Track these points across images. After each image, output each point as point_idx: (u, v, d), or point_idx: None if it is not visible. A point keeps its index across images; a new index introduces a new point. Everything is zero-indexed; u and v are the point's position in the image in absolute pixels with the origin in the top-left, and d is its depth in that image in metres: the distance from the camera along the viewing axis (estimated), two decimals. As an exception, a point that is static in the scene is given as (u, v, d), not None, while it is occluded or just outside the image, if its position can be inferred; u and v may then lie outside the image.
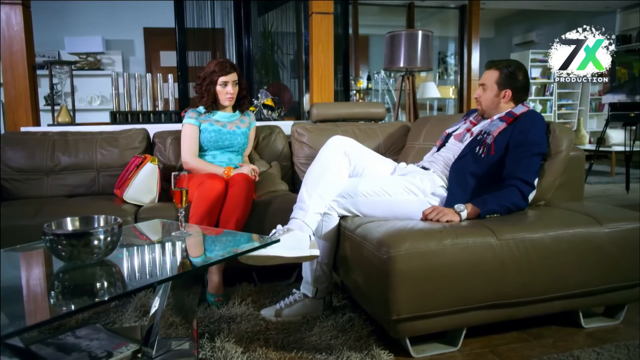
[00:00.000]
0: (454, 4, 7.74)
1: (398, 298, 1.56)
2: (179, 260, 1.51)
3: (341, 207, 1.94)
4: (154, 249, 1.65)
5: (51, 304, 1.17)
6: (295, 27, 6.78)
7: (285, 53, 6.88)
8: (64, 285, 1.32)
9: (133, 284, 1.30)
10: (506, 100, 2.09)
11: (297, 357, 1.65)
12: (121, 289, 1.24)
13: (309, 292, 1.98)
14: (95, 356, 1.55)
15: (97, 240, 1.33)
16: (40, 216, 2.16)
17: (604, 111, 8.24)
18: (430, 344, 1.74)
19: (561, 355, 1.63)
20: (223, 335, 1.79)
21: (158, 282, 1.31)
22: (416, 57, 3.60)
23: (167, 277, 1.34)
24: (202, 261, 1.50)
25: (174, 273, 1.35)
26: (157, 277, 1.35)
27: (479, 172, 1.98)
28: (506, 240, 1.65)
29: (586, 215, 1.83)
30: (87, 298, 1.24)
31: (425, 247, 1.58)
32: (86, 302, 1.18)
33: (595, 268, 1.75)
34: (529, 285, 1.69)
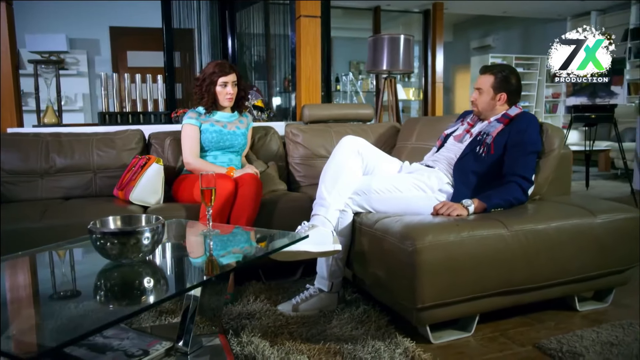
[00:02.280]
0: (418, 8, 7.99)
1: (422, 287, 1.66)
2: (223, 257, 1.55)
3: (355, 204, 2.02)
4: (193, 246, 1.68)
5: (119, 302, 1.19)
6: (263, 29, 6.80)
7: (255, 55, 6.90)
8: (121, 283, 1.34)
9: (188, 281, 1.34)
10: (501, 103, 2.24)
11: (325, 348, 1.73)
12: (179, 287, 1.27)
13: (325, 287, 2.05)
14: (131, 354, 1.56)
15: (145, 239, 1.36)
16: (48, 219, 2.13)
17: (557, 112, 8.75)
18: (446, 331, 1.85)
19: (567, 335, 1.78)
20: (247, 331, 1.84)
21: (214, 277, 1.35)
22: (398, 60, 3.74)
23: (217, 274, 1.38)
24: (248, 257, 1.54)
25: (224, 270, 1.39)
26: (205, 275, 1.39)
27: (480, 170, 2.12)
28: (515, 232, 1.78)
29: (580, 207, 2.00)
30: (149, 296, 1.26)
31: (446, 239, 1.69)
32: (148, 302, 1.21)
33: (591, 255, 1.92)
34: (535, 273, 1.83)
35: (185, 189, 2.44)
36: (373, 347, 1.71)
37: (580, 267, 1.91)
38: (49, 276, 1.44)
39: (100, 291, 1.31)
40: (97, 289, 1.32)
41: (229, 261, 1.56)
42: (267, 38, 6.80)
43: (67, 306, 1.18)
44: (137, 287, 1.34)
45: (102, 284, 1.35)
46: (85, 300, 1.24)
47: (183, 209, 2.28)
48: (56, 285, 1.34)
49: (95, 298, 1.27)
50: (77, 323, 1.08)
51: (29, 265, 1.46)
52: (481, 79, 2.27)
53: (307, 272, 2.47)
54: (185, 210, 2.28)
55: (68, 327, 1.04)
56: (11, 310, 1.12)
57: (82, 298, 1.26)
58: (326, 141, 3.04)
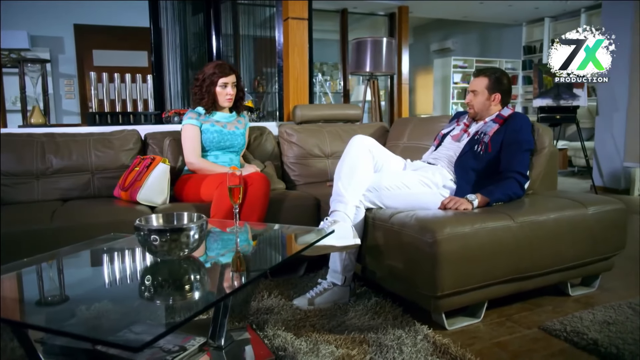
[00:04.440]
0: (384, 11, 8.19)
1: (442, 276, 1.77)
2: (269, 252, 1.60)
3: (368, 200, 2.12)
4: (229, 243, 1.72)
5: (188, 299, 1.22)
6: (232, 29, 6.78)
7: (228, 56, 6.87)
8: (178, 280, 1.38)
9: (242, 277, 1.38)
10: (495, 103, 2.39)
11: (349, 337, 1.81)
12: (239, 284, 1.31)
13: (338, 281, 2.13)
14: (168, 350, 1.58)
15: (192, 236, 1.40)
16: (58, 220, 2.09)
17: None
18: (458, 318, 1.97)
19: (567, 317, 1.94)
20: (270, 325, 1.89)
21: (268, 271, 1.40)
22: (381, 62, 3.86)
23: (269, 267, 1.43)
24: (290, 252, 1.59)
25: (272, 264, 1.44)
26: (258, 269, 1.44)
27: (478, 167, 2.26)
28: (521, 223, 1.93)
29: (572, 200, 2.17)
30: (210, 293, 1.30)
31: (462, 230, 1.81)
32: (214, 297, 1.24)
33: (584, 243, 2.10)
34: (537, 261, 1.98)
35: (190, 188, 2.45)
36: (394, 335, 1.81)
37: (575, 255, 2.08)
38: (111, 273, 1.46)
39: (170, 285, 1.35)
40: (164, 283, 1.35)
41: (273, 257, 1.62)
42: (235, 39, 6.79)
43: (150, 299, 1.22)
44: (203, 281, 1.38)
45: (163, 279, 1.38)
46: (163, 294, 1.27)
47: (193, 209, 2.29)
48: (124, 281, 1.36)
49: (172, 291, 1.30)
50: (167, 313, 1.11)
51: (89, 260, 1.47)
52: (475, 82, 2.41)
53: (309, 268, 2.55)
54: (195, 210, 2.29)
55: (158, 317, 1.07)
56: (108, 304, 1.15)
57: (157, 291, 1.29)
58: (320, 141, 3.12)
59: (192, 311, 1.03)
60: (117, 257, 1.59)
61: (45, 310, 1.11)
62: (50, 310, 1.11)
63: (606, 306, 2.05)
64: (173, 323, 0.98)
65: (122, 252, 1.67)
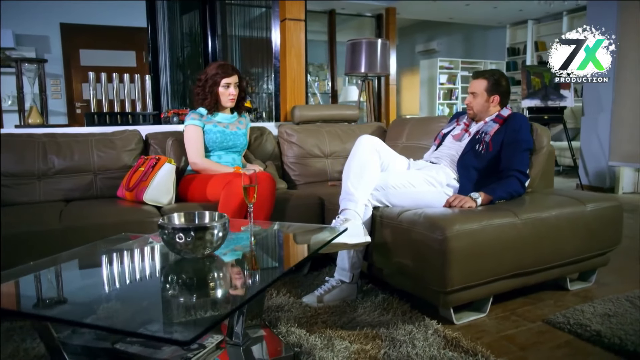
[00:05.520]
0: (371, 12, 8.26)
1: (451, 272, 1.82)
2: (289, 250, 1.62)
3: (375, 199, 2.16)
4: (247, 242, 1.74)
5: (221, 296, 1.25)
6: (220, 29, 6.77)
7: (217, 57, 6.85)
8: (207, 278, 1.40)
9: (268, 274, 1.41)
10: (494, 104, 2.45)
11: (362, 333, 1.84)
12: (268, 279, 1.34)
13: (346, 278, 2.17)
14: (187, 348, 1.60)
15: (216, 235, 1.42)
16: (66, 221, 2.09)
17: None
18: (464, 313, 2.03)
19: (568, 311, 2.01)
20: (283, 322, 1.92)
21: (293, 267, 1.42)
22: (376, 63, 3.91)
23: (294, 264, 1.45)
24: (311, 251, 1.62)
25: (297, 261, 1.47)
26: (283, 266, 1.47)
27: (480, 166, 2.31)
28: (525, 220, 1.99)
29: (571, 198, 2.25)
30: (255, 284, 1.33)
31: (470, 227, 1.86)
32: (250, 292, 1.26)
33: (583, 239, 2.17)
34: (540, 256, 2.05)
35: (196, 188, 2.46)
36: (405, 330, 1.85)
37: (574, 250, 2.16)
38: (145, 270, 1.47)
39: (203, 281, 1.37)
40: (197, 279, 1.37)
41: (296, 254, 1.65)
42: (223, 39, 6.78)
43: (184, 296, 1.24)
44: (232, 279, 1.40)
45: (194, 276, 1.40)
46: (195, 292, 1.29)
47: (200, 208, 2.30)
48: (152, 279, 1.37)
49: (204, 288, 1.33)
50: (202, 310, 1.14)
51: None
52: (475, 84, 2.47)
53: (313, 267, 2.58)
54: (202, 209, 2.30)
55: (196, 313, 1.09)
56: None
57: (190, 289, 1.31)
58: (319, 141, 3.16)
59: (231, 306, 1.06)
60: (139, 256, 1.60)
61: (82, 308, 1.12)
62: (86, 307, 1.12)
63: (605, 299, 2.12)
64: (217, 317, 1.00)
65: (143, 250, 1.68)
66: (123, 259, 1.57)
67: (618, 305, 2.05)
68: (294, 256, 1.59)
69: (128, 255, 1.61)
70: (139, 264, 1.54)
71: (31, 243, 1.97)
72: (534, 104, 4.75)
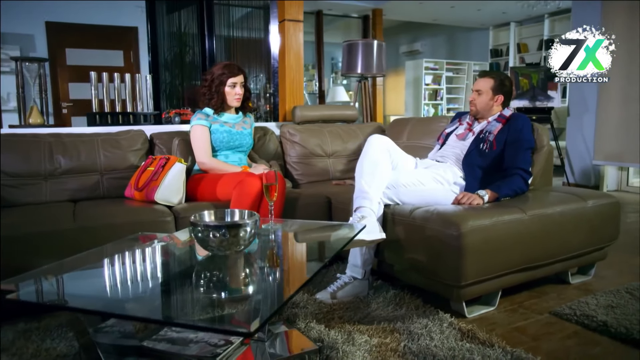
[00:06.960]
0: (357, 13, 8.33)
1: (466, 267, 1.88)
2: (323, 245, 1.66)
3: (386, 197, 2.21)
4: (270, 240, 1.77)
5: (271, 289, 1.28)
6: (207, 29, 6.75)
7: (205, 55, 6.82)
8: (249, 274, 1.43)
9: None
10: (497, 104, 2.53)
11: (380, 327, 1.89)
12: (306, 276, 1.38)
13: (359, 275, 2.22)
14: (215, 344, 1.62)
15: (247, 232, 1.45)
16: (80, 220, 2.08)
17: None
18: (475, 306, 2.09)
19: (574, 302, 2.09)
20: (301, 318, 1.95)
21: (327, 262, 1.46)
22: (372, 64, 3.98)
23: (327, 259, 1.49)
24: (338, 249, 1.66)
25: (330, 255, 1.51)
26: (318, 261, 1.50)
27: (484, 165, 2.39)
28: (532, 216, 2.07)
29: (572, 194, 2.34)
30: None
31: (482, 223, 1.93)
32: (295, 288, 1.29)
33: (584, 234, 2.26)
34: (546, 251, 2.13)
35: (205, 187, 2.47)
36: (421, 324, 1.91)
37: (577, 244, 2.25)
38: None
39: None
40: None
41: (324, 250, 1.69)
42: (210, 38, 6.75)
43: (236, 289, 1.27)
44: (272, 274, 1.44)
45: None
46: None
47: (212, 207, 2.32)
48: (188, 275, 1.39)
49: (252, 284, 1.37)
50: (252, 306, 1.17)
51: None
52: (481, 82, 2.55)
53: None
54: (213, 209, 2.32)
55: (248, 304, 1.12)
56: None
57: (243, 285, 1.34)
58: (321, 141, 3.20)
59: (289, 293, 1.09)
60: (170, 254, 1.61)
61: (136, 304, 1.14)
62: (139, 303, 1.14)
63: (606, 292, 2.22)
64: (275, 307, 1.04)
65: (168, 249, 1.70)
66: (155, 257, 1.58)
67: (619, 297, 2.15)
68: (322, 252, 1.63)
69: (159, 254, 1.62)
70: (172, 262, 1.56)
71: (44, 243, 1.96)
72: (523, 105, 4.88)
